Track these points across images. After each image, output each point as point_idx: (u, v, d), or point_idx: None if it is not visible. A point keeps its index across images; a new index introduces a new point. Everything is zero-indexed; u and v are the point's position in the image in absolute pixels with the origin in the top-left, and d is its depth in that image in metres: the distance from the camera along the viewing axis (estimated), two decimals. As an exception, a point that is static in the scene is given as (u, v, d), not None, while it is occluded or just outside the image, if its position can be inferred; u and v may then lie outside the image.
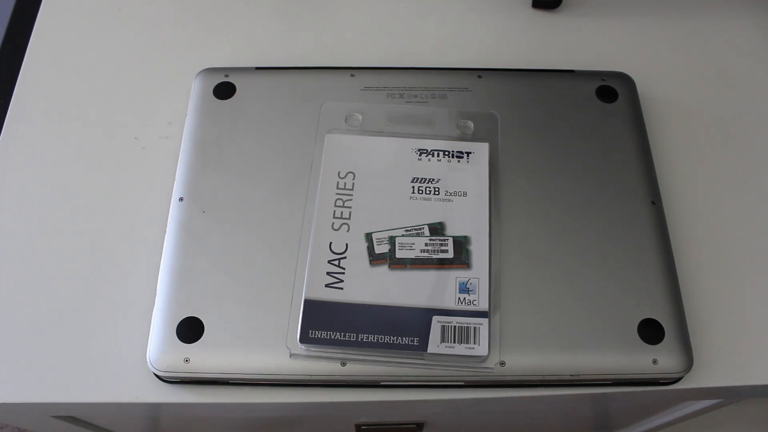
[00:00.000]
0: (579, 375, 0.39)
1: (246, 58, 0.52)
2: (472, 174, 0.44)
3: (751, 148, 0.50)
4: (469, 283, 0.40)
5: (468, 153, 0.44)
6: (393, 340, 0.38)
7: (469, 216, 0.42)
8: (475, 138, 0.45)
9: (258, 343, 0.39)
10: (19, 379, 0.40)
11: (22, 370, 0.40)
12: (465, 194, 0.43)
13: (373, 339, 0.38)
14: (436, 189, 0.43)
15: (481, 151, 0.44)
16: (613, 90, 0.48)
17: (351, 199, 0.42)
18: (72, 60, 0.52)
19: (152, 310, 0.40)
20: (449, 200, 0.43)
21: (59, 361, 0.41)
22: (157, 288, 0.41)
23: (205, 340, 0.39)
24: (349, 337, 0.38)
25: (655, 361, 0.39)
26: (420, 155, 0.44)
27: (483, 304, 0.39)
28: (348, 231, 0.41)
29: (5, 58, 0.53)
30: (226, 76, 0.48)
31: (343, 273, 0.40)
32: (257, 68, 0.49)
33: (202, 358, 0.39)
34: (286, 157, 0.45)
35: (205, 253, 0.41)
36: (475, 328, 0.39)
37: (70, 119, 0.49)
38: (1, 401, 0.40)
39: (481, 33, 0.54)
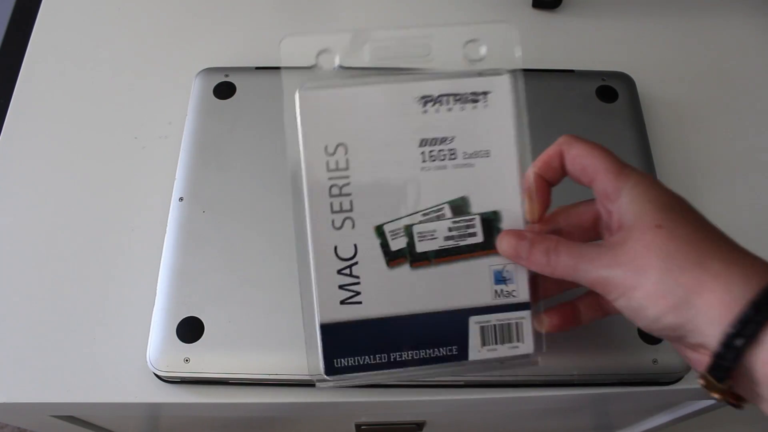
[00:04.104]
0: (579, 375, 0.39)
1: (246, 58, 0.52)
2: (492, 123, 0.33)
3: (751, 147, 0.50)
4: (505, 270, 0.34)
5: (485, 93, 0.33)
6: (429, 354, 0.33)
7: (495, 182, 0.33)
8: (490, 68, 0.34)
9: (258, 343, 0.39)
10: (19, 379, 0.40)
11: (22, 370, 0.40)
12: (487, 154, 0.33)
13: (407, 356, 0.33)
14: (452, 151, 0.33)
15: (500, 87, 0.33)
16: (613, 90, 0.48)
17: (348, 183, 0.33)
18: (72, 60, 0.52)
19: (152, 310, 0.40)
20: (470, 165, 0.33)
21: (59, 361, 0.41)
22: (157, 288, 0.41)
23: (205, 340, 0.39)
24: (381, 358, 0.33)
25: (655, 361, 0.39)
26: (425, 105, 0.33)
27: (523, 294, 0.34)
28: (353, 227, 0.33)
29: (5, 58, 0.53)
30: (226, 76, 0.48)
31: (358, 283, 0.33)
32: (257, 68, 0.49)
33: (202, 358, 0.39)
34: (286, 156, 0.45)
35: (205, 253, 0.41)
36: (517, 323, 0.34)
37: (70, 119, 0.49)
38: (1, 401, 0.40)
39: (481, 33, 0.54)
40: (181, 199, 0.43)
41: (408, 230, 0.33)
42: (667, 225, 0.29)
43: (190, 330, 0.39)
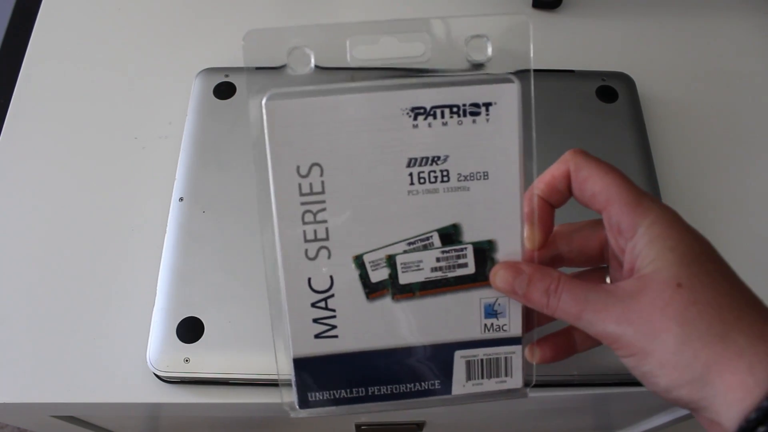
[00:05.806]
0: (579, 375, 0.39)
1: (246, 58, 0.52)
2: (494, 140, 0.29)
3: (750, 147, 0.50)
4: (497, 304, 0.31)
5: (487, 105, 0.29)
6: (410, 388, 0.32)
7: (493, 209, 0.30)
8: (497, 72, 0.29)
9: (258, 343, 0.39)
10: (19, 379, 0.40)
11: (22, 370, 0.40)
12: (486, 176, 0.29)
13: (386, 390, 0.32)
14: (444, 173, 0.29)
15: (506, 97, 0.29)
16: (613, 90, 0.48)
17: (324, 209, 0.29)
18: (72, 60, 0.52)
19: (152, 310, 0.40)
20: (464, 188, 0.30)
21: (59, 361, 0.41)
22: (157, 288, 0.41)
23: (205, 340, 0.39)
24: (358, 392, 0.31)
25: (655, 361, 0.39)
26: (415, 118, 0.28)
27: (515, 329, 0.31)
28: (329, 258, 0.30)
29: (5, 58, 0.53)
30: (226, 76, 0.48)
31: (334, 316, 0.30)
32: (258, 68, 0.49)
33: (202, 358, 0.39)
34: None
35: (205, 253, 0.41)
36: (506, 358, 0.32)
37: (70, 119, 0.49)
38: (1, 401, 0.40)
39: (481, 33, 0.54)
40: (181, 199, 0.43)
41: (390, 261, 0.30)
42: (688, 284, 0.26)
43: (190, 330, 0.39)
